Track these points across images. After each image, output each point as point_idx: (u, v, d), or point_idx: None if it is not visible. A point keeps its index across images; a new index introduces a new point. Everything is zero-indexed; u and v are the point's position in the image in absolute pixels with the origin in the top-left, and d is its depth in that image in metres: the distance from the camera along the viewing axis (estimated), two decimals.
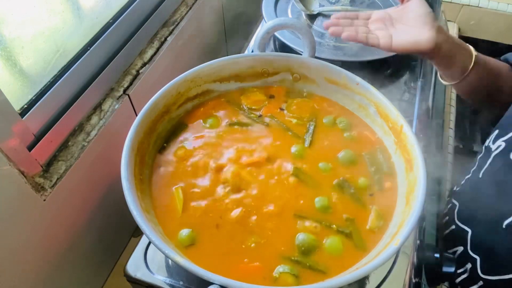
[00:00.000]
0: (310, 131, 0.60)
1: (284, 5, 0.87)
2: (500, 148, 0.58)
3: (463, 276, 0.62)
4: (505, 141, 0.58)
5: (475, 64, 0.60)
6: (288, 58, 0.64)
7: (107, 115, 0.59)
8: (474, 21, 0.63)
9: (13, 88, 0.49)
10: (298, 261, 0.47)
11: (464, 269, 0.62)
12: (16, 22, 0.50)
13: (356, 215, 0.51)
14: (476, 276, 0.60)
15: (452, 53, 0.60)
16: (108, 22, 0.61)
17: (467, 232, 0.63)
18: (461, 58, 0.61)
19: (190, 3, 0.78)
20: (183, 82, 0.59)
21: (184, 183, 0.53)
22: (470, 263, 0.61)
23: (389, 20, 0.62)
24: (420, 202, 0.47)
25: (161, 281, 0.51)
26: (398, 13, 0.62)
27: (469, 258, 0.62)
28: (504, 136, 0.58)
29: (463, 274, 0.62)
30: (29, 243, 0.50)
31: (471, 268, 0.61)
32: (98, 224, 0.63)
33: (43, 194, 0.50)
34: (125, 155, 0.49)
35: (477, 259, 0.60)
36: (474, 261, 0.60)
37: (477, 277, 0.60)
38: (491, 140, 0.61)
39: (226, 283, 0.40)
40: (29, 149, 0.48)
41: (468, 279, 0.62)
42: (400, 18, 0.62)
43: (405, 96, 0.74)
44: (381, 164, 0.57)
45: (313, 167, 0.56)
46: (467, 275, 0.62)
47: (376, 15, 0.64)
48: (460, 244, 0.64)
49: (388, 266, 0.53)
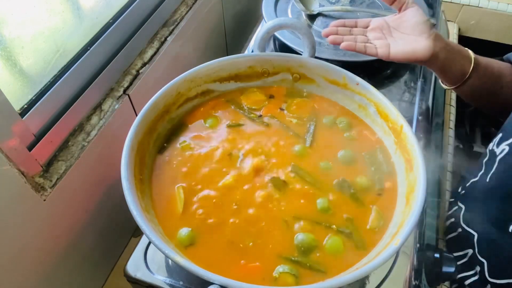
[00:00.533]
0: (310, 131, 0.60)
1: (284, 5, 0.87)
2: (504, 152, 0.58)
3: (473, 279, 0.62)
4: (508, 145, 0.58)
5: (474, 67, 0.60)
6: (288, 58, 0.64)
7: (107, 115, 0.59)
8: (474, 21, 0.63)
9: (13, 88, 0.49)
10: (297, 261, 0.47)
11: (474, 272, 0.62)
12: (16, 22, 0.50)
13: (356, 215, 0.51)
14: (485, 280, 0.60)
15: (450, 59, 0.60)
16: (108, 22, 0.61)
17: (473, 236, 0.63)
18: (460, 63, 0.61)
19: (190, 3, 0.78)
20: (183, 82, 0.59)
21: (185, 183, 0.53)
22: (479, 266, 0.61)
23: (387, 28, 0.63)
24: (420, 202, 0.47)
25: (161, 281, 0.51)
26: (395, 22, 0.63)
27: (477, 261, 0.62)
28: (508, 139, 0.58)
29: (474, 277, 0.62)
30: (29, 243, 0.50)
31: (480, 271, 0.61)
32: (98, 224, 0.63)
33: (43, 194, 0.50)
34: (125, 155, 0.49)
35: (484, 262, 0.60)
36: (482, 264, 0.60)
37: (485, 281, 0.60)
38: (495, 144, 0.61)
39: (226, 283, 0.40)
40: (29, 149, 0.48)
41: (478, 282, 0.62)
42: (397, 26, 0.62)
43: (405, 96, 0.74)
44: (381, 164, 0.57)
45: (313, 166, 0.56)
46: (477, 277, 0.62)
47: (374, 23, 0.64)
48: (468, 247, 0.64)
49: (388, 266, 0.53)
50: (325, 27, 0.82)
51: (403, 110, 0.67)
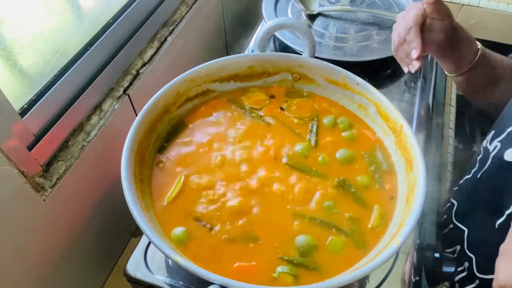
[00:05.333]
0: (314, 131, 0.60)
1: (284, 5, 0.87)
2: (496, 149, 0.59)
3: (462, 275, 0.63)
4: (500, 142, 0.58)
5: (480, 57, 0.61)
6: (288, 58, 0.64)
7: (107, 115, 0.59)
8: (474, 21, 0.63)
9: (13, 88, 0.49)
10: (297, 261, 0.47)
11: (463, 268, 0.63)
12: (16, 22, 0.50)
13: (357, 214, 0.52)
14: (473, 275, 0.60)
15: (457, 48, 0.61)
16: (108, 22, 0.61)
17: (464, 231, 0.63)
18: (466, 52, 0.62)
19: (190, 3, 0.78)
20: (183, 82, 0.59)
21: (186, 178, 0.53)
22: (467, 261, 0.62)
23: None
24: (420, 202, 0.47)
25: (161, 281, 0.51)
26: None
27: (466, 257, 0.62)
28: (500, 136, 0.59)
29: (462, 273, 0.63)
30: (29, 243, 0.50)
31: (468, 267, 0.61)
32: (98, 224, 0.63)
33: (43, 194, 0.50)
34: (125, 155, 0.49)
35: (472, 258, 0.61)
36: (470, 260, 0.61)
37: (474, 276, 0.60)
38: (488, 141, 0.62)
39: (226, 283, 0.40)
40: (29, 149, 0.48)
41: (466, 277, 0.62)
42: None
43: (405, 96, 0.74)
44: (381, 164, 0.57)
45: (314, 166, 0.56)
46: (465, 274, 0.62)
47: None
48: (458, 243, 0.64)
49: (388, 266, 0.53)
50: (325, 27, 0.83)
51: (403, 110, 0.67)
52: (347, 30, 0.82)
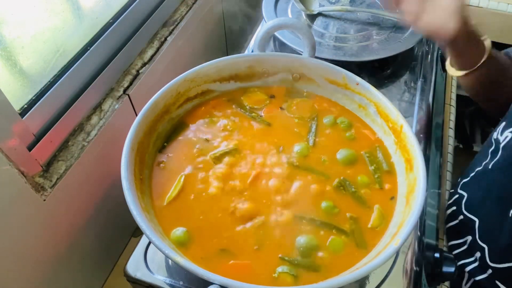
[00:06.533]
0: (313, 131, 0.60)
1: (284, 5, 0.87)
2: (507, 139, 0.59)
3: (474, 265, 0.63)
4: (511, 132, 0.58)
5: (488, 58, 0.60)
6: (288, 58, 0.64)
7: (107, 115, 0.59)
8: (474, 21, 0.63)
9: (13, 88, 0.49)
10: (297, 261, 0.47)
11: (474, 258, 0.63)
12: (16, 22, 0.50)
13: (357, 214, 0.52)
14: (485, 265, 0.61)
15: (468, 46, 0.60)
16: (108, 22, 0.61)
17: (475, 222, 0.64)
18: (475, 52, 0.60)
19: (190, 3, 0.78)
20: (183, 82, 0.59)
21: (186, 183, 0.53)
22: (479, 252, 0.62)
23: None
24: (420, 202, 0.47)
25: (161, 281, 0.51)
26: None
27: (477, 247, 0.62)
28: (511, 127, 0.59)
29: (474, 263, 0.63)
30: (29, 243, 0.50)
31: (480, 257, 0.62)
32: (98, 224, 0.63)
33: (43, 194, 0.50)
34: (125, 155, 0.49)
35: (485, 248, 0.61)
36: (482, 249, 0.61)
37: (486, 266, 0.61)
38: (499, 132, 0.62)
39: (226, 283, 0.40)
40: (29, 149, 0.48)
41: (478, 267, 0.63)
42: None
43: (405, 96, 0.74)
44: (381, 164, 0.57)
45: (314, 165, 0.56)
46: (477, 264, 0.62)
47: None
48: (469, 233, 0.65)
49: (388, 266, 0.53)
50: (325, 27, 0.83)
51: (403, 110, 0.67)
52: (347, 30, 0.82)
